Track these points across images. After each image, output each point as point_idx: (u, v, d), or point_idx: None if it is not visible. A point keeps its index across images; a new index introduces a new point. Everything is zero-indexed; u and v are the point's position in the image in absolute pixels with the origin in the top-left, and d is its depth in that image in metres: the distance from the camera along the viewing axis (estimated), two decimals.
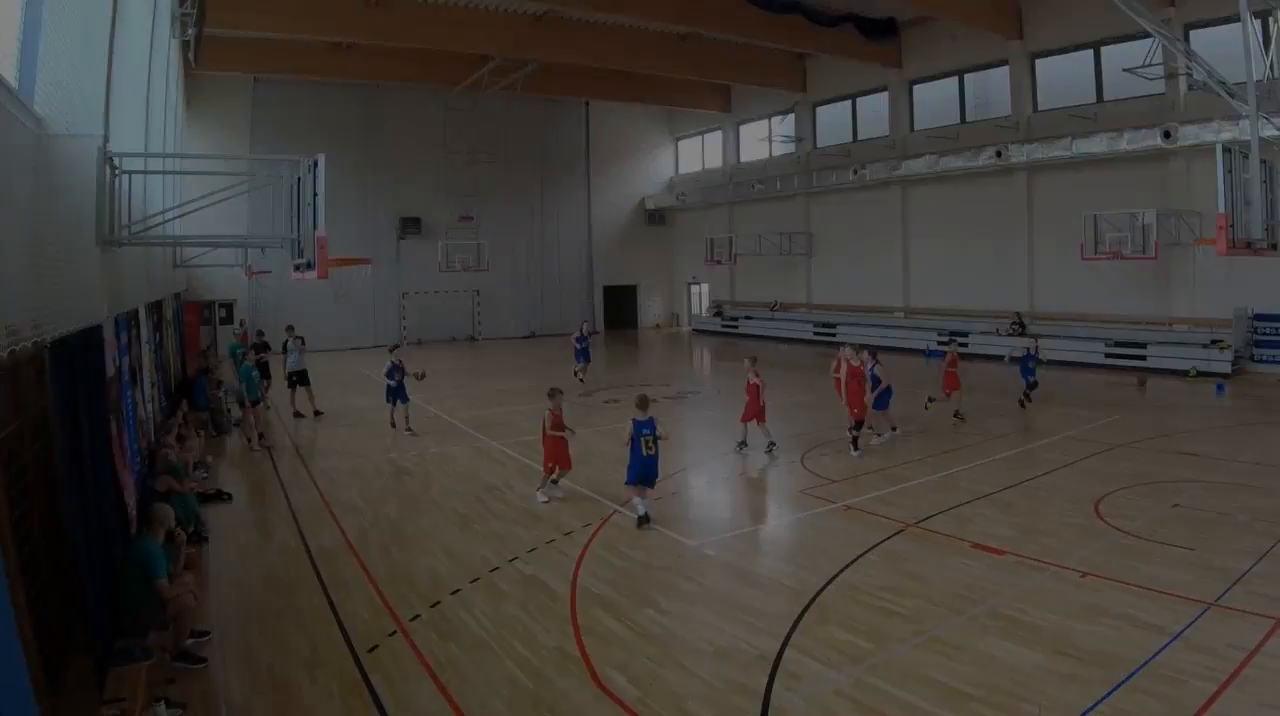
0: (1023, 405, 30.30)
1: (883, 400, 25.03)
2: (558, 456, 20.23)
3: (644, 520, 17.64)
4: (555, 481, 20.53)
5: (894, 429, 25.97)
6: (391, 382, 28.89)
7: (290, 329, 33.44)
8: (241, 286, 53.71)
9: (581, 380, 38.84)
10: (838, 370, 24.79)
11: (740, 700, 10.53)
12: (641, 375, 44.63)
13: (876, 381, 24.73)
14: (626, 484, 18.39)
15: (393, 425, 28.87)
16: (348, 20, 43.15)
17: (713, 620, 13.03)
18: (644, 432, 18.13)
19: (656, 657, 11.80)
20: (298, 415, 32.07)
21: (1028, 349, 30.55)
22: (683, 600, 13.92)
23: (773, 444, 24.30)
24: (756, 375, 23.89)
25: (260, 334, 36.22)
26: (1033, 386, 30.31)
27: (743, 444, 24.70)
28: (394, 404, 29.02)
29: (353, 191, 57.42)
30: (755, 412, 24.09)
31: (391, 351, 29.92)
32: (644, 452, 18.04)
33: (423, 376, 29.65)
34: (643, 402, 18.76)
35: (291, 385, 32.33)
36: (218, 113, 53.75)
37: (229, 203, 18.31)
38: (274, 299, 54.29)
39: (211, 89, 52.67)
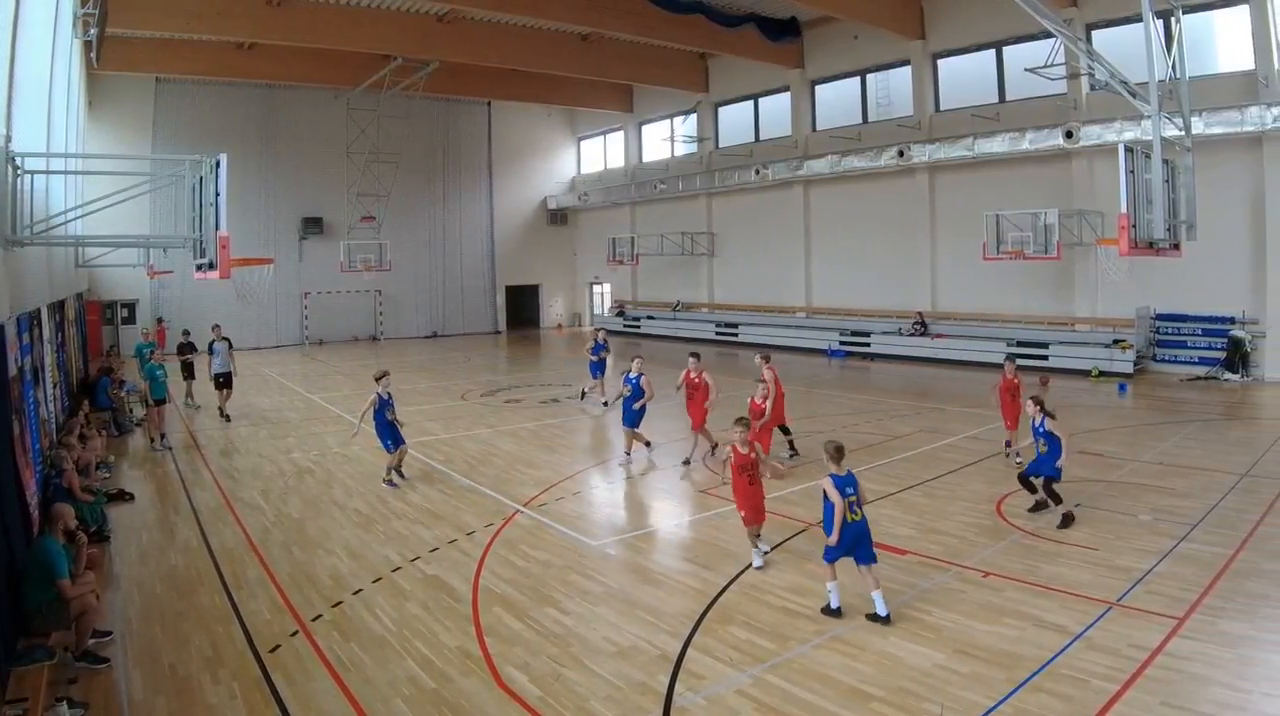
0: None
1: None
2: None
3: (835, 613, 13.09)
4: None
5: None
6: (383, 421, 21.76)
7: (217, 328, 32.65)
8: (143, 286, 53.32)
9: (601, 399, 32.16)
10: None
11: (642, 699, 10.62)
12: (544, 375, 44.81)
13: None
14: (826, 561, 13.32)
15: (390, 480, 21.84)
16: (249, 20, 42.84)
17: (615, 620, 13.09)
18: (847, 494, 13.13)
19: (558, 657, 11.81)
20: (227, 418, 31.41)
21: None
22: (585, 600, 13.94)
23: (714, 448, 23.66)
24: (769, 371, 22.29)
25: (186, 334, 35.63)
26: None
27: (687, 462, 23.39)
28: (391, 447, 21.87)
29: (255, 191, 57.45)
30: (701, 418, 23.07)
31: (379, 380, 22.20)
32: (848, 519, 13.00)
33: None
34: (837, 453, 13.50)
35: (218, 387, 31.66)
36: (120, 113, 53.11)
37: (132, 203, 18.24)
38: (176, 299, 54.27)
39: (114, 89, 52.07)
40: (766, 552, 15.41)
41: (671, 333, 61.65)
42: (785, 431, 23.47)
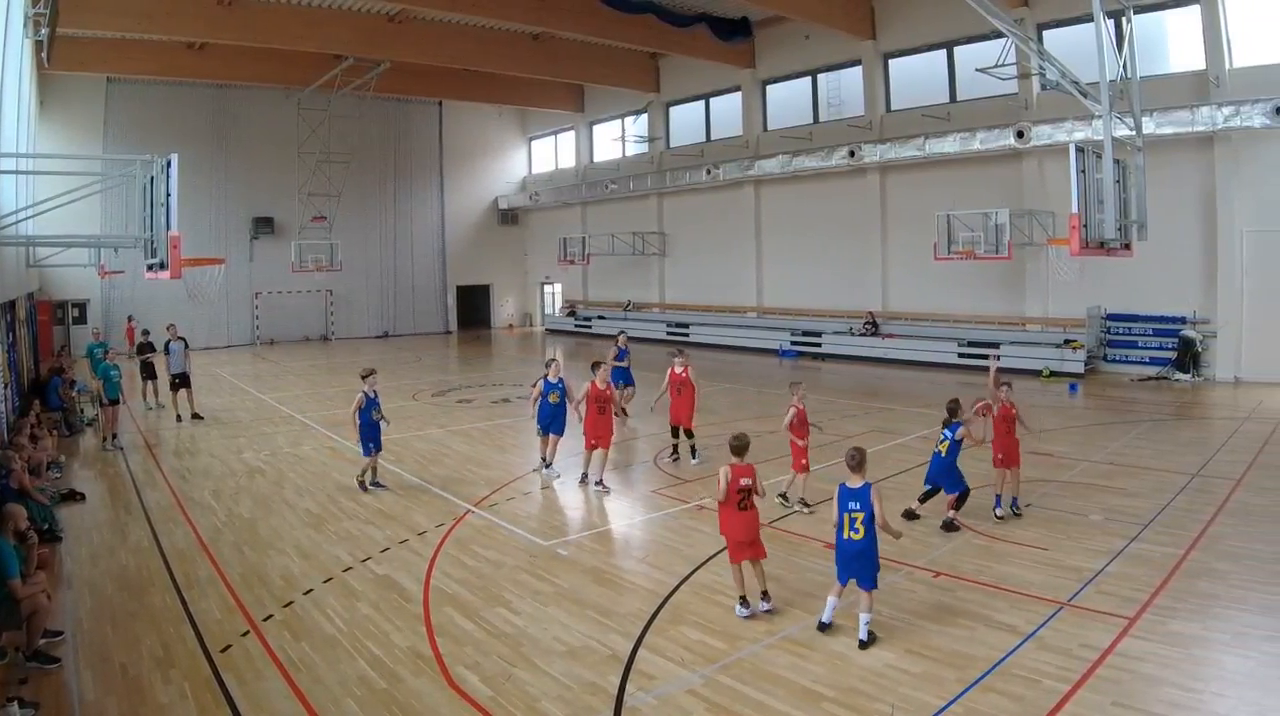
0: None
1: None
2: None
3: (822, 627, 12.43)
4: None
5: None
6: (367, 421, 20.89)
7: (172, 328, 32.48)
8: (95, 286, 53.09)
9: (625, 412, 28.15)
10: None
11: (593, 699, 10.59)
12: (495, 375, 44.67)
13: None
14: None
15: (364, 486, 21.16)
16: (201, 20, 42.65)
17: (566, 620, 13.06)
18: (850, 508, 12.20)
19: (509, 657, 11.79)
20: (179, 418, 31.21)
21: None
22: (536, 600, 13.90)
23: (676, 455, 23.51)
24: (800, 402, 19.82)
25: (145, 333, 35.37)
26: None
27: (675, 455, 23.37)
28: (371, 453, 20.97)
29: (206, 191, 57.19)
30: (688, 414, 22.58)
31: (365, 378, 21.31)
32: (843, 536, 12.23)
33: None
34: (859, 460, 12.55)
35: (174, 387, 31.47)
36: (71, 113, 53.06)
37: (83, 202, 18.20)
38: (128, 299, 54.13)
39: (65, 89, 52.01)
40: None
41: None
42: (689, 435, 23.15)
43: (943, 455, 16.73)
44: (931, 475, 17.24)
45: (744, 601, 13.04)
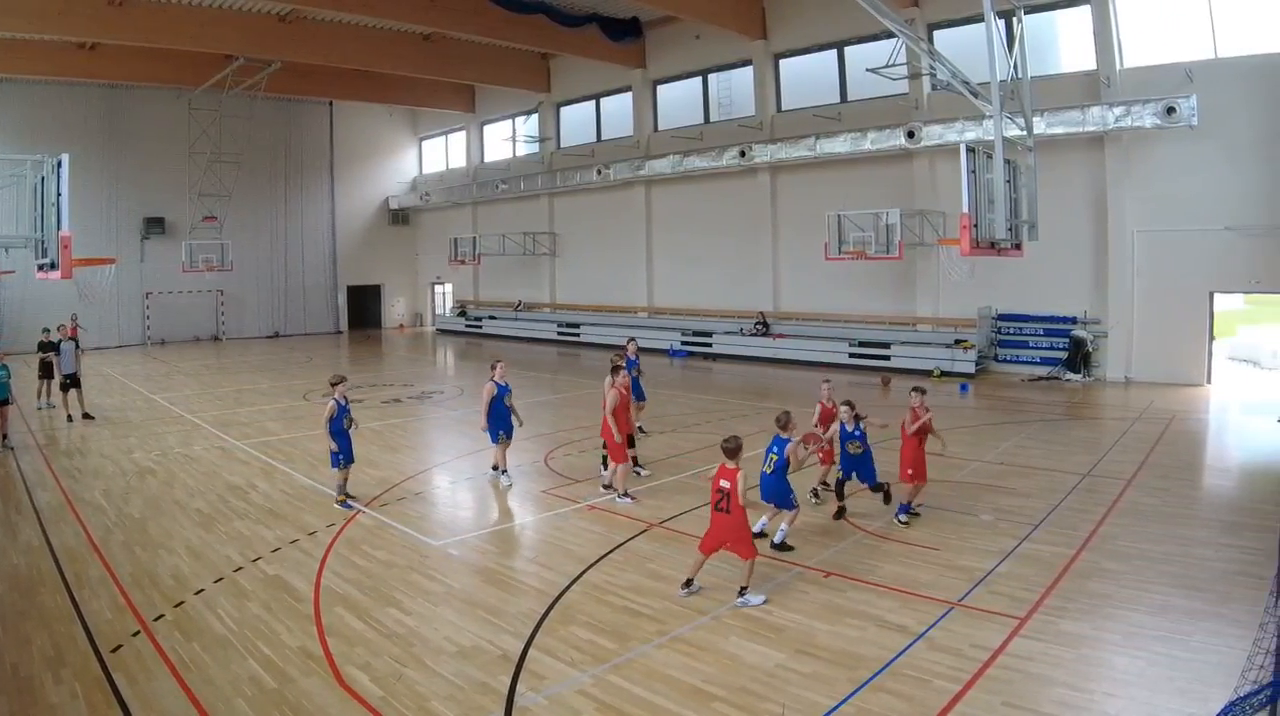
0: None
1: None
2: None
3: (778, 545, 15.45)
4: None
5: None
6: (339, 429, 19.40)
7: (62, 328, 32.43)
8: None
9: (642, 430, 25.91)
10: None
11: (484, 699, 10.58)
12: (386, 375, 44.38)
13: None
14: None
15: (342, 501, 19.67)
16: (91, 21, 41.93)
17: (456, 620, 13.08)
18: (771, 451, 15.36)
19: (400, 657, 11.77)
20: (70, 418, 30.81)
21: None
22: (426, 600, 13.91)
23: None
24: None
25: (46, 332, 34.96)
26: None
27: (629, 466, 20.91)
28: (341, 465, 19.59)
29: (97, 191, 56.74)
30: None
31: (335, 386, 19.79)
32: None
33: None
34: (783, 420, 15.92)
35: (64, 387, 31.19)
36: None
37: None
38: (18, 299, 53.21)
39: None
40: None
41: (514, 333, 62.03)
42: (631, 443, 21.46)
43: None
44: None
45: (688, 583, 13.65)
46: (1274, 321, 42.53)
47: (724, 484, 13.13)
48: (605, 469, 20.65)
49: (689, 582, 13.67)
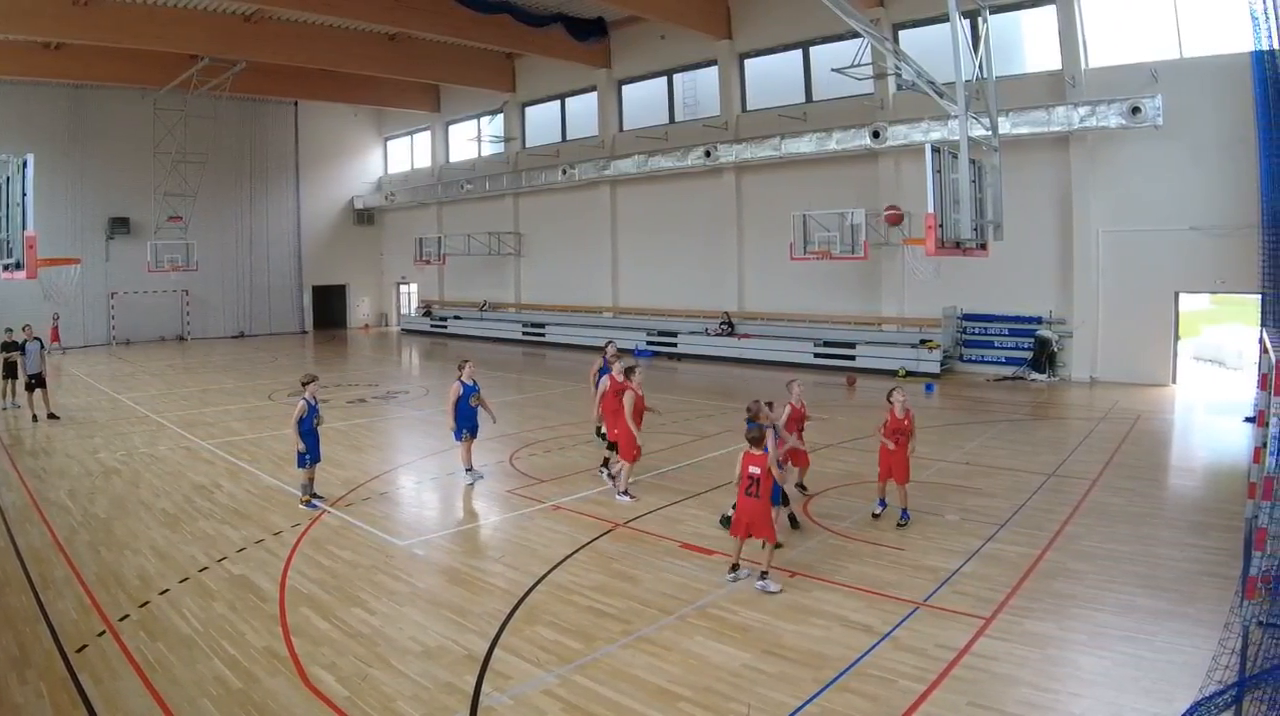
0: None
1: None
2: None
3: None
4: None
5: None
6: (309, 429, 19.30)
7: (28, 328, 32.21)
8: None
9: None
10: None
11: (449, 699, 10.56)
12: (351, 375, 44.15)
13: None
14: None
15: (308, 501, 19.47)
16: (56, 20, 41.69)
17: (421, 620, 13.06)
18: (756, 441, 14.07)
19: (365, 657, 11.74)
20: (35, 418, 30.61)
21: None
22: (392, 600, 13.87)
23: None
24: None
25: (9, 332, 34.86)
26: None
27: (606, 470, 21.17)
28: (308, 465, 19.44)
29: (62, 191, 56.46)
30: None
31: (306, 386, 19.73)
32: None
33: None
34: (754, 409, 15.77)
35: (29, 388, 30.99)
36: None
37: None
38: None
39: None
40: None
41: (479, 333, 62.04)
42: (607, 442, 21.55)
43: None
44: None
45: (734, 568, 14.07)
46: (1239, 321, 42.48)
47: (754, 470, 13.50)
48: (610, 460, 20.86)
49: (735, 567, 14.01)
